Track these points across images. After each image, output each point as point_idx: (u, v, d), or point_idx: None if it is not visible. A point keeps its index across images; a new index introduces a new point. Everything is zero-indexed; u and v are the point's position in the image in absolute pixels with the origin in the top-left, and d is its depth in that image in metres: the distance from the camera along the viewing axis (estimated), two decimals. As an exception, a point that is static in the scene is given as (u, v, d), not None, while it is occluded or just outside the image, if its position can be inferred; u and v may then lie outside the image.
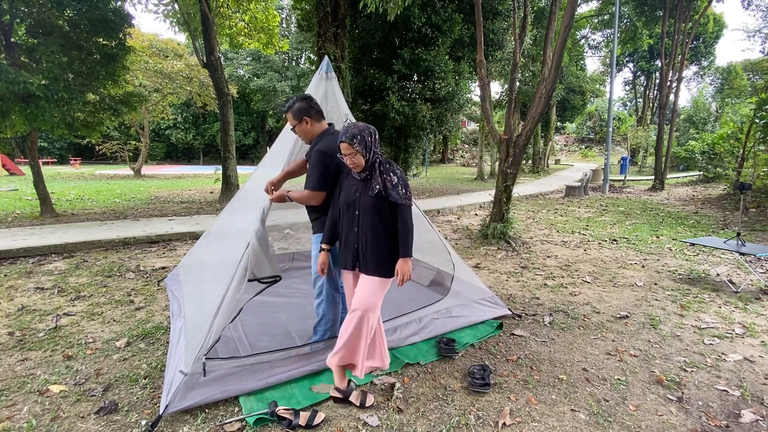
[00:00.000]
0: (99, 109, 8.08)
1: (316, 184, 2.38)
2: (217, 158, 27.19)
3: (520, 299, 3.98)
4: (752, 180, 10.25)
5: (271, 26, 12.72)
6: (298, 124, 2.48)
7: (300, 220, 6.96)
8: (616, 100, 40.49)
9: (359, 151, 2.10)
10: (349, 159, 2.14)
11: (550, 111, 22.96)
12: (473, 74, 14.52)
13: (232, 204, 3.77)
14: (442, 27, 11.30)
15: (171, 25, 11.20)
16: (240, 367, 2.35)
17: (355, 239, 2.23)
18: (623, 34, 17.87)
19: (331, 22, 8.93)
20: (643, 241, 6.69)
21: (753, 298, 4.10)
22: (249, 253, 2.32)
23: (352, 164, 2.16)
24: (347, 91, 9.13)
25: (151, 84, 17.31)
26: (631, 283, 4.52)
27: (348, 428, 2.07)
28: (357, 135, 2.10)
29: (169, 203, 10.12)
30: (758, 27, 20.90)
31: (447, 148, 34.21)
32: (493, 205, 6.69)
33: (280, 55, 28.82)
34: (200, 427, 2.04)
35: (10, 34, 6.97)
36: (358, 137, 2.10)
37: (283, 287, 4.06)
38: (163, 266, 4.93)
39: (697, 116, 30.01)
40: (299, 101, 2.47)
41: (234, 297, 2.32)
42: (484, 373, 2.48)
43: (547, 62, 6.01)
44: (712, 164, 15.46)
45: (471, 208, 10.39)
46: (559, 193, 14.01)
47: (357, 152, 2.11)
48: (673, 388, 2.49)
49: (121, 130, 24.01)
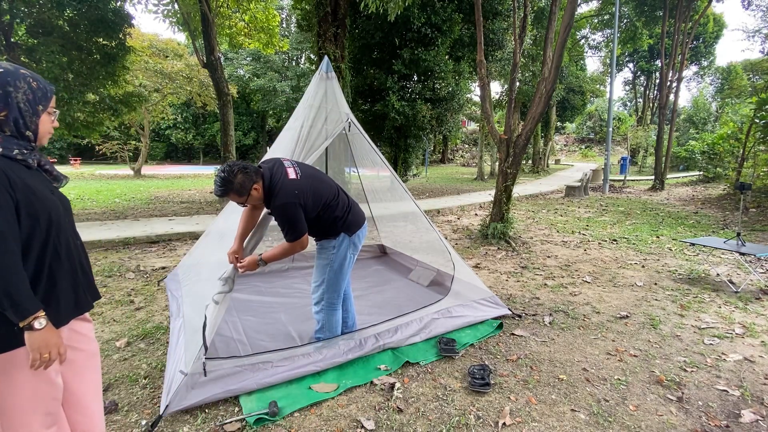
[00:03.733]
0: (99, 109, 8.09)
1: (295, 233, 2.30)
2: (217, 158, 27.22)
3: (520, 299, 3.98)
4: (752, 180, 10.25)
5: (271, 26, 12.73)
6: (248, 198, 2.22)
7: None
8: (616, 100, 40.52)
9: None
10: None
11: (550, 111, 22.97)
12: (473, 74, 14.52)
13: (232, 204, 3.76)
14: (442, 27, 11.30)
15: (171, 25, 11.21)
16: (240, 367, 2.35)
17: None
18: (623, 34, 17.87)
19: (331, 22, 8.93)
20: (643, 241, 6.69)
21: (753, 298, 4.10)
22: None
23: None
24: (347, 91, 9.13)
25: (151, 84, 17.31)
26: (631, 283, 4.52)
27: (348, 428, 2.07)
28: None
29: (169, 203, 10.12)
30: (758, 27, 20.90)
31: (447, 148, 34.23)
32: (493, 205, 6.69)
33: (280, 55, 28.80)
34: (200, 427, 2.04)
35: (10, 34, 6.98)
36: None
37: (283, 287, 4.06)
38: (163, 266, 4.92)
39: (697, 116, 30.01)
40: (237, 174, 2.15)
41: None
42: (484, 373, 2.48)
43: (547, 62, 6.01)
44: (712, 164, 15.45)
45: (471, 208, 10.39)
46: (559, 193, 14.01)
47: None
48: (673, 388, 2.49)
49: (121, 130, 23.99)
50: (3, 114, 1.29)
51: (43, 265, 1.33)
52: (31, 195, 1.29)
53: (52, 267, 1.36)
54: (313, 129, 2.91)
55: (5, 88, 1.28)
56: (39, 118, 1.37)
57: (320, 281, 2.60)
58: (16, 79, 1.30)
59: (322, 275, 2.58)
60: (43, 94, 1.38)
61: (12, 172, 1.26)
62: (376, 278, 4.39)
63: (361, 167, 4.47)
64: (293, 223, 2.28)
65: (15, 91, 1.30)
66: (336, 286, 2.59)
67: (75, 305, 1.44)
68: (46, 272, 1.35)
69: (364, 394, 2.36)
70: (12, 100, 1.29)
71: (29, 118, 1.34)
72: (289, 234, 2.30)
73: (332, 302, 2.62)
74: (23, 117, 1.33)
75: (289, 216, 2.25)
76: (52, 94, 1.42)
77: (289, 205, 2.24)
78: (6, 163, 1.25)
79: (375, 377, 2.50)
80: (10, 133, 1.31)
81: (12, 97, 1.29)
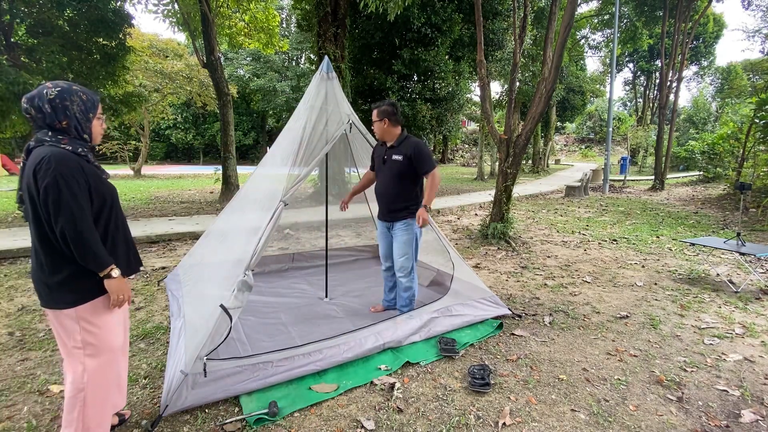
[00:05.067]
0: (99, 109, 8.09)
1: (433, 162, 2.96)
2: (217, 158, 27.17)
3: (520, 299, 3.98)
4: (752, 180, 10.24)
5: (271, 26, 12.72)
6: (378, 122, 3.01)
7: (300, 220, 6.97)
8: (616, 100, 40.52)
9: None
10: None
11: (550, 111, 22.96)
12: (473, 74, 14.53)
13: (232, 204, 3.77)
14: (442, 27, 11.31)
15: (171, 25, 11.18)
16: (240, 368, 2.35)
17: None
18: (623, 34, 17.86)
19: (331, 22, 8.94)
20: (643, 241, 6.69)
21: (753, 298, 4.10)
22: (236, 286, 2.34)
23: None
24: (347, 91, 9.14)
25: (151, 84, 17.30)
26: (631, 283, 4.52)
27: (348, 428, 2.07)
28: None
29: (169, 203, 10.12)
30: (758, 27, 20.89)
31: (447, 148, 34.21)
32: (493, 205, 6.69)
33: (280, 55, 28.81)
34: (200, 427, 2.05)
35: (10, 34, 6.98)
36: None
37: (283, 287, 4.06)
38: (163, 266, 4.92)
39: (697, 116, 30.03)
40: (385, 105, 3.01)
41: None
42: (484, 373, 2.48)
43: (547, 62, 6.01)
44: (712, 164, 15.45)
45: (471, 208, 10.39)
46: (559, 193, 14.01)
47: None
48: (673, 388, 2.49)
49: (121, 130, 24.00)
50: (65, 123, 1.66)
51: (107, 233, 1.75)
52: (98, 180, 1.70)
53: (113, 235, 1.78)
54: (314, 132, 2.92)
55: (64, 102, 1.65)
56: (91, 124, 1.76)
57: (407, 254, 3.07)
58: (71, 95, 1.67)
59: (409, 248, 3.07)
60: (92, 104, 1.75)
61: (83, 163, 1.65)
62: (376, 278, 4.39)
63: (361, 167, 4.46)
64: (430, 155, 2.98)
65: (71, 105, 1.67)
66: (416, 255, 3.17)
67: (127, 266, 1.83)
68: (110, 239, 1.76)
69: (364, 394, 2.36)
70: (70, 111, 1.66)
71: (84, 124, 1.72)
72: (429, 165, 2.93)
73: (414, 269, 3.16)
74: (80, 124, 1.70)
75: (426, 150, 2.97)
76: (98, 102, 1.80)
77: (423, 144, 3.01)
78: (77, 157, 1.64)
79: (375, 377, 2.50)
80: (73, 136, 1.68)
81: (69, 109, 1.66)
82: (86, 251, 1.61)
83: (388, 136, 3.06)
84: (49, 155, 1.56)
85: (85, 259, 1.62)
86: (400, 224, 3.06)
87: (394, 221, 3.09)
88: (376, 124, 3.04)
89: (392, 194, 3.05)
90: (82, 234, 1.59)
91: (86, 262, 1.63)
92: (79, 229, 1.58)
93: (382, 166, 3.12)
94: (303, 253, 4.96)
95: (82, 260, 1.62)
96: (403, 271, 3.10)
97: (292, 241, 6.11)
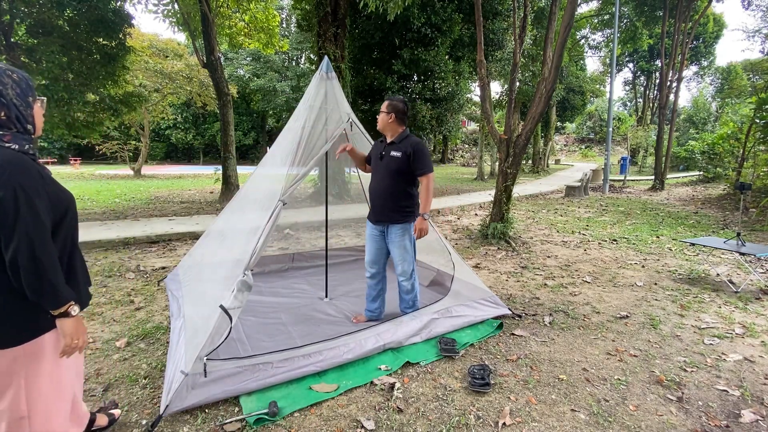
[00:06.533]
0: (99, 109, 8.09)
1: (430, 165, 2.94)
2: (217, 158, 27.18)
3: (520, 299, 3.98)
4: (752, 180, 10.24)
5: (271, 26, 12.72)
6: (385, 114, 2.98)
7: (300, 220, 6.97)
8: (616, 100, 40.52)
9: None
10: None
11: (550, 111, 22.96)
12: (473, 74, 14.53)
13: (231, 204, 3.77)
14: (442, 27, 11.31)
15: (171, 25, 11.19)
16: (240, 368, 2.35)
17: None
18: (623, 34, 17.86)
19: (331, 22, 8.94)
20: (643, 241, 6.69)
21: (753, 298, 4.10)
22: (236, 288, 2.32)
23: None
24: (347, 91, 9.15)
25: (151, 84, 17.30)
26: (631, 283, 4.52)
27: (348, 428, 2.07)
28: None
29: (169, 203, 10.12)
30: (758, 27, 20.89)
31: (447, 148, 34.22)
32: (493, 205, 6.69)
33: (280, 55, 28.81)
34: (200, 427, 2.04)
35: (10, 34, 6.98)
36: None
37: (283, 287, 4.06)
38: (163, 266, 4.93)
39: (697, 116, 30.02)
40: (398, 101, 2.99)
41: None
42: (484, 373, 2.48)
43: (547, 62, 6.01)
44: (712, 164, 15.45)
45: (471, 208, 10.39)
46: (559, 193, 14.00)
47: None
48: (673, 388, 2.49)
49: (121, 130, 23.98)
50: (3, 114, 1.27)
51: (64, 251, 1.37)
52: (56, 187, 1.34)
53: (71, 254, 1.40)
54: (313, 131, 2.92)
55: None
56: (33, 110, 1.36)
57: (408, 258, 3.04)
58: (2, 76, 1.26)
59: (409, 252, 3.04)
60: (27, 84, 1.34)
61: (38, 167, 1.26)
62: (376, 278, 4.39)
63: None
64: (429, 157, 2.96)
65: (5, 89, 1.26)
66: (415, 257, 3.15)
67: (86, 295, 1.50)
68: (67, 260, 1.39)
69: (364, 394, 2.36)
70: (6, 98, 1.27)
71: (25, 111, 1.33)
72: (426, 167, 2.90)
73: (414, 270, 3.15)
74: (20, 112, 1.31)
75: (426, 151, 2.95)
76: (32, 81, 1.39)
77: (423, 144, 2.98)
78: (31, 161, 1.25)
79: (375, 377, 2.50)
80: (16, 130, 1.30)
81: (4, 94, 1.26)
82: (42, 283, 1.24)
83: (389, 130, 2.99)
84: (0, 161, 1.21)
85: (39, 292, 1.25)
86: (395, 229, 2.99)
87: (388, 223, 3.00)
88: (382, 115, 2.97)
89: (387, 192, 2.97)
90: (41, 261, 1.23)
91: (40, 296, 1.26)
92: (37, 255, 1.23)
93: (378, 162, 3.03)
94: (303, 253, 4.96)
95: (34, 294, 1.25)
96: (404, 275, 3.08)
97: (292, 241, 6.11)
